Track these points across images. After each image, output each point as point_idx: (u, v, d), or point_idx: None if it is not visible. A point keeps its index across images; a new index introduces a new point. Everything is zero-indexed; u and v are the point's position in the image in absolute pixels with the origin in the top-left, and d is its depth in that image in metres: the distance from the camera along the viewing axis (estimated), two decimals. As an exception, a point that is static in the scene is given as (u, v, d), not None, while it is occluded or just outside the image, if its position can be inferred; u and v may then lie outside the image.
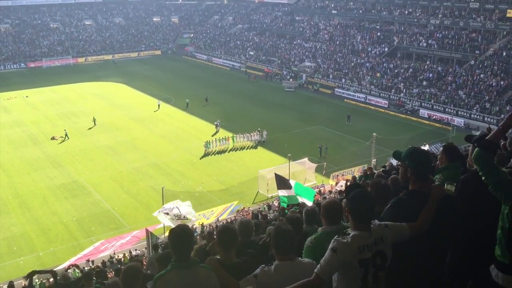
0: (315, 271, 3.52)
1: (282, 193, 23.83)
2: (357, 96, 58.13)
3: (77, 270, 18.45)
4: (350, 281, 3.59)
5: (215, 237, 4.66)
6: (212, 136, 44.11)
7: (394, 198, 4.07)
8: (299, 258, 3.98)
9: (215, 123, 46.50)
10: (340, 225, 4.45)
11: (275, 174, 25.71)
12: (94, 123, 47.85)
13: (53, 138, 44.14)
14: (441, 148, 5.49)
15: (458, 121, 46.78)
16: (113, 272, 13.35)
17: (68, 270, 19.23)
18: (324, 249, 4.10)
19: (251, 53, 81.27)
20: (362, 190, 3.93)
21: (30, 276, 8.00)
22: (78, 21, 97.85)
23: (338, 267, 3.57)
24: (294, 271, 3.80)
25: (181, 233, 3.92)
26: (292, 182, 24.22)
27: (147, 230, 22.76)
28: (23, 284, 21.10)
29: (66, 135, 44.27)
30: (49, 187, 34.52)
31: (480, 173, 3.61)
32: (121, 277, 4.61)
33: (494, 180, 3.51)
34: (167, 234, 23.72)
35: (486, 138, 3.76)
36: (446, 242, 3.92)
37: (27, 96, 60.49)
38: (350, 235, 3.59)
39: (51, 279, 18.40)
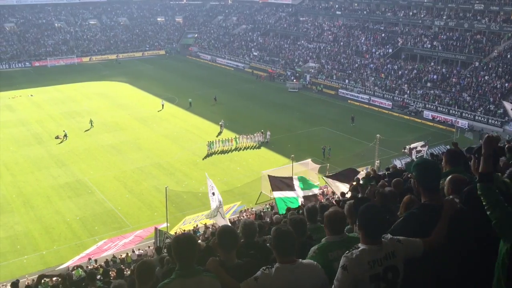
0: None
1: (279, 194, 23.48)
2: (361, 97, 58.07)
3: (81, 271, 18.52)
4: None
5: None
6: (217, 136, 44.15)
7: (407, 212, 3.97)
8: (300, 260, 3.97)
9: (220, 123, 46.51)
10: (344, 235, 4.44)
11: (269, 176, 25.49)
12: (91, 125, 47.51)
13: (57, 137, 44.26)
14: (445, 152, 5.44)
15: (462, 123, 46.63)
16: (116, 271, 13.37)
17: (73, 272, 19.29)
18: (327, 259, 4.08)
19: (255, 53, 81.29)
20: (372, 204, 3.88)
21: (38, 280, 8.04)
22: (83, 21, 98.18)
23: (352, 285, 3.48)
24: (295, 274, 3.78)
25: (185, 241, 3.91)
26: (295, 181, 23.86)
27: (156, 229, 22.76)
28: (26, 283, 21.15)
29: (65, 135, 44.20)
30: (52, 186, 34.61)
31: (485, 208, 3.53)
32: (135, 273, 4.60)
33: (498, 217, 3.42)
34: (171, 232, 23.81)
35: (480, 171, 3.68)
36: (460, 256, 3.80)
37: (31, 95, 60.72)
38: (359, 249, 3.54)
39: (54, 278, 18.47)
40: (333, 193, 28.73)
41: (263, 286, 3.75)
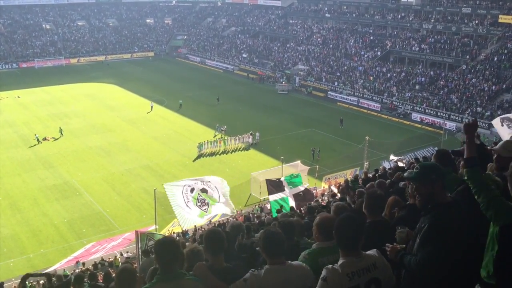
0: None
1: (274, 197, 23.61)
2: (350, 99, 58.31)
3: (68, 272, 18.27)
4: None
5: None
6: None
7: (429, 217, 3.77)
8: (289, 261, 3.96)
9: (222, 129, 45.77)
10: (334, 241, 4.43)
11: (266, 180, 25.60)
12: (61, 134, 45.08)
13: (45, 139, 43.86)
14: (434, 154, 5.46)
15: (450, 125, 47.05)
16: (102, 275, 13.23)
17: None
18: (317, 264, 4.07)
19: (244, 55, 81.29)
20: (345, 216, 3.87)
21: (23, 279, 7.90)
22: (71, 22, 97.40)
23: None
24: (285, 275, 3.78)
25: (167, 245, 3.90)
26: (283, 182, 24.02)
27: (136, 232, 22.14)
28: (13, 286, 20.92)
29: (38, 139, 43.19)
30: (40, 188, 34.27)
31: (473, 192, 3.59)
32: (116, 281, 4.55)
33: (485, 199, 3.49)
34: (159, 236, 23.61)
35: (465, 157, 3.75)
36: (456, 257, 3.72)
37: (18, 97, 60.08)
38: (339, 263, 3.58)
39: (41, 281, 18.26)
40: (323, 194, 28.82)
41: (252, 287, 3.73)
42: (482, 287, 3.54)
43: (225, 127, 45.65)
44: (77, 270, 21.28)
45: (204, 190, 17.79)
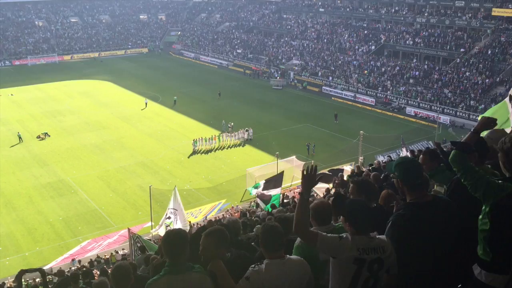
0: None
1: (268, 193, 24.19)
2: (345, 94, 58.33)
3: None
4: (341, 279, 3.67)
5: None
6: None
7: (393, 215, 3.93)
8: (288, 255, 3.97)
9: (229, 126, 45.27)
10: (330, 225, 4.45)
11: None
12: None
13: (38, 137, 43.67)
14: (421, 155, 5.46)
15: (444, 118, 47.21)
16: (99, 272, 13.22)
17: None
18: (314, 248, 4.10)
19: (239, 51, 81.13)
20: (359, 200, 3.91)
21: (19, 276, 7.89)
22: (64, 18, 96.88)
23: (333, 252, 3.66)
24: (285, 269, 3.80)
25: (176, 238, 3.88)
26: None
27: (129, 230, 22.13)
28: (8, 285, 20.86)
29: (19, 137, 42.92)
30: (35, 187, 34.13)
31: (458, 175, 3.64)
32: (111, 278, 4.54)
33: (472, 180, 3.53)
34: (155, 233, 23.65)
35: (462, 141, 3.82)
36: (452, 247, 3.85)
37: (12, 94, 59.73)
38: (352, 237, 3.69)
39: (38, 279, 18.23)
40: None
41: (256, 283, 3.75)
42: (480, 265, 3.58)
43: (232, 124, 45.35)
44: (73, 268, 21.24)
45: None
